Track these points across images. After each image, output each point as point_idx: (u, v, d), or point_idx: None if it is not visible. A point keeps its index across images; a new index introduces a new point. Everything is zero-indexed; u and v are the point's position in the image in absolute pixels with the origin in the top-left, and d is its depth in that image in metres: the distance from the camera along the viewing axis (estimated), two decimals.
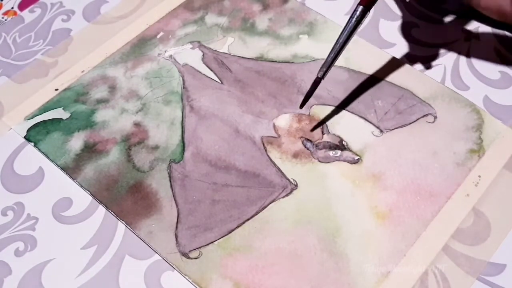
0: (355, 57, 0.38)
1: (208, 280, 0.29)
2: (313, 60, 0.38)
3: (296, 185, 0.32)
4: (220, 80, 0.37)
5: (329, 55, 0.32)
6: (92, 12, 0.42)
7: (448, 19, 0.40)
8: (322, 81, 0.32)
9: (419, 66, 0.37)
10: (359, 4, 0.31)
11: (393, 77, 0.37)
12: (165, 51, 0.39)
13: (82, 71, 0.38)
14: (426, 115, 0.35)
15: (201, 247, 0.30)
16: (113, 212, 0.32)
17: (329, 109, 0.35)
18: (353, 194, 0.32)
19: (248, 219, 0.31)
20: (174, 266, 0.30)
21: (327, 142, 0.34)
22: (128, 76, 0.38)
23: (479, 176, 0.32)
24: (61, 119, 0.36)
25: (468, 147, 0.33)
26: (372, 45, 0.38)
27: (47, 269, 0.30)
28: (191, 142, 0.34)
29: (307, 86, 0.36)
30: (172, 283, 0.29)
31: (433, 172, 0.32)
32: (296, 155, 0.33)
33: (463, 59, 0.38)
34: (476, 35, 0.39)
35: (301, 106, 0.34)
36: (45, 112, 0.36)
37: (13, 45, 0.40)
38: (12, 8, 0.42)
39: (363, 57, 0.38)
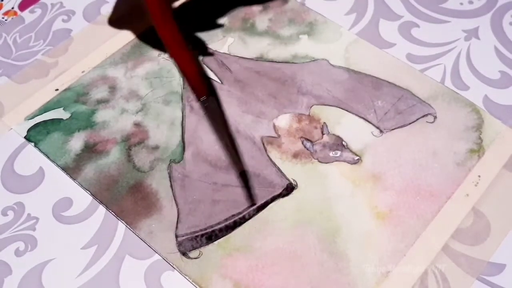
0: (355, 57, 0.38)
1: (208, 280, 0.29)
2: (313, 60, 0.38)
3: (296, 185, 0.32)
4: (220, 80, 0.37)
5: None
6: (92, 12, 0.42)
7: (448, 19, 0.40)
8: (322, 81, 0.32)
9: (419, 66, 0.37)
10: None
11: (393, 77, 0.37)
12: (165, 52, 0.39)
13: (83, 72, 0.38)
14: (426, 115, 0.35)
15: (201, 247, 0.30)
16: (113, 212, 0.32)
17: (329, 109, 0.35)
18: (353, 194, 0.32)
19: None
20: (174, 266, 0.30)
21: (327, 142, 0.34)
22: (128, 76, 0.38)
23: (479, 176, 0.32)
24: (61, 119, 0.36)
25: (468, 147, 0.33)
26: (372, 45, 0.38)
27: (47, 269, 0.30)
28: (191, 142, 0.34)
29: (307, 86, 0.36)
30: (172, 283, 0.29)
31: (433, 172, 0.32)
32: (296, 155, 0.33)
33: (463, 59, 0.38)
34: (476, 35, 0.39)
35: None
36: (45, 112, 0.36)
37: (14, 45, 0.40)
38: (13, 8, 0.42)
39: (363, 57, 0.38)
